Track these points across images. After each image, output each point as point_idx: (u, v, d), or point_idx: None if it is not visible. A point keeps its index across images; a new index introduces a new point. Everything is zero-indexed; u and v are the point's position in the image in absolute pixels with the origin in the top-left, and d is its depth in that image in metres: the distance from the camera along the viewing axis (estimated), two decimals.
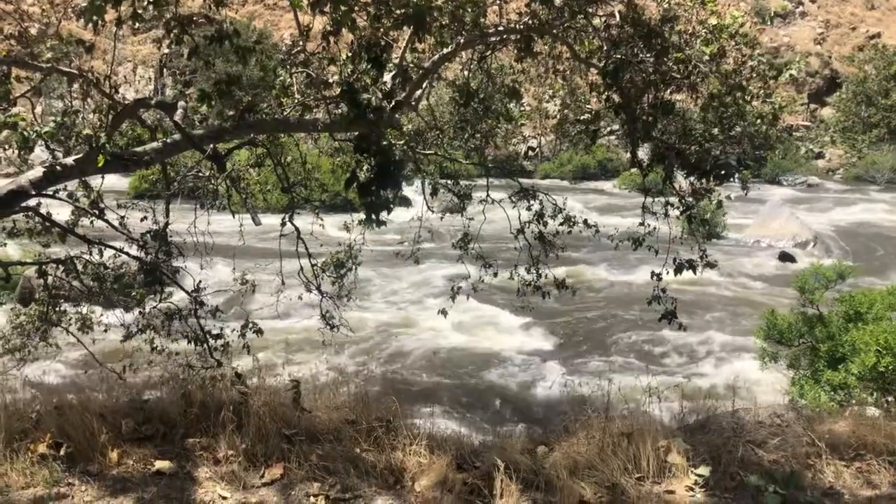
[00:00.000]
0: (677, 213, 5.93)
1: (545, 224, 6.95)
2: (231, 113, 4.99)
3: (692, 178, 5.56)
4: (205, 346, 6.29)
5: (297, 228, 6.37)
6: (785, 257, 21.26)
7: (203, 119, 6.15)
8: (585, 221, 7.00)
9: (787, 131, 43.97)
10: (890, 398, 6.81)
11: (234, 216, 6.87)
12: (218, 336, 6.35)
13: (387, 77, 4.93)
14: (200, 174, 6.83)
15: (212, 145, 5.32)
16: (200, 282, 6.39)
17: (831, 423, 4.63)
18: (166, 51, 5.02)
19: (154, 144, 5.03)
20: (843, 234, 25.28)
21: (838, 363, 7.44)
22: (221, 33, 4.41)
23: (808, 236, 23.31)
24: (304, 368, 10.57)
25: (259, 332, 6.50)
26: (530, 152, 49.44)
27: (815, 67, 57.68)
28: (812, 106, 57.20)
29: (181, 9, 4.45)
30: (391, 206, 4.69)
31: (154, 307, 6.50)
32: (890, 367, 6.83)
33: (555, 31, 5.37)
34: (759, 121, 5.54)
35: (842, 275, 8.28)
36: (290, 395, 4.81)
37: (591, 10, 5.17)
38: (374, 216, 4.69)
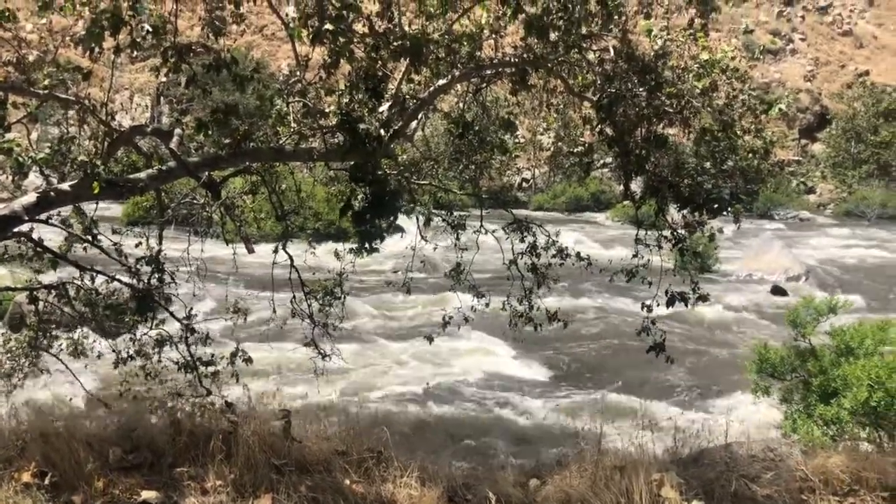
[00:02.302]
0: (670, 245, 5.96)
1: (538, 256, 6.96)
2: (227, 141, 5.01)
3: (685, 211, 5.60)
4: (195, 373, 6.24)
5: (290, 256, 6.37)
6: (777, 291, 21.33)
7: (199, 147, 6.18)
8: (578, 254, 7.02)
9: (778, 166, 44.48)
10: (882, 433, 6.79)
11: (227, 244, 6.86)
12: (208, 364, 6.31)
13: (384, 107, 4.97)
14: (195, 201, 6.84)
15: (207, 173, 5.33)
16: (192, 309, 6.36)
17: (824, 458, 4.61)
18: (164, 79, 5.06)
19: (149, 171, 5.04)
20: (834, 269, 25.43)
21: (830, 397, 7.42)
22: (219, 62, 4.46)
23: (799, 270, 23.41)
24: (294, 398, 10.48)
25: (249, 360, 6.47)
26: (524, 184, 49.70)
27: (806, 103, 58.44)
28: (803, 141, 57.84)
29: (179, 38, 4.50)
30: (385, 234, 4.71)
31: (145, 334, 6.46)
32: (882, 402, 6.82)
33: (549, 64, 5.43)
34: (750, 155, 5.60)
35: (833, 309, 8.30)
36: (280, 425, 4.76)
37: (585, 44, 5.25)
38: (367, 244, 4.71)
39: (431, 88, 5.62)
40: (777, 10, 72.24)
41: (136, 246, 6.25)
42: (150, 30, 4.17)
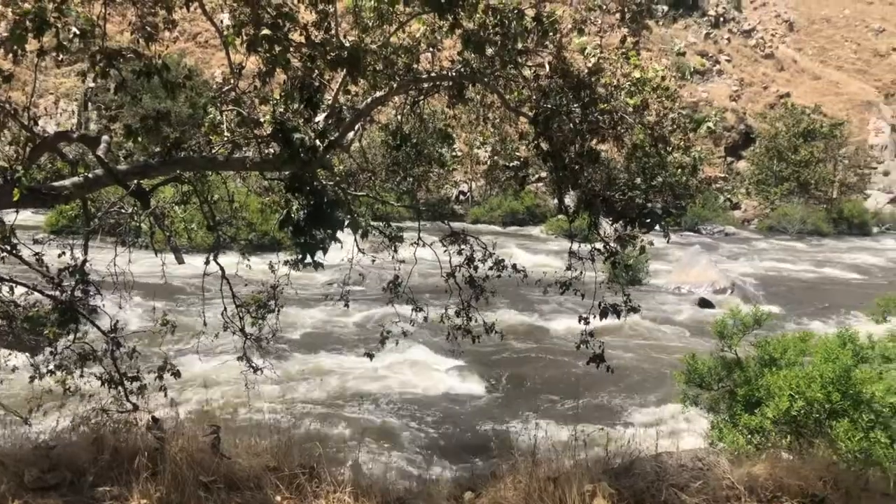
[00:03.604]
0: (603, 258, 6.08)
1: (475, 268, 7.00)
2: (158, 149, 4.88)
3: (617, 225, 5.73)
4: (120, 388, 6.03)
5: (221, 268, 6.23)
6: (704, 303, 21.98)
7: (128, 154, 5.99)
8: (514, 266, 7.08)
9: (705, 182, 45.97)
10: (802, 441, 7.04)
11: (156, 254, 6.67)
12: (134, 378, 6.10)
13: (320, 118, 4.93)
14: (123, 210, 6.63)
15: (136, 181, 5.17)
16: (118, 321, 6.15)
17: (749, 466, 4.75)
18: (91, 84, 4.91)
19: (74, 179, 4.86)
20: (758, 282, 26.36)
21: (755, 407, 7.66)
22: (150, 68, 4.34)
23: (725, 283, 24.19)
24: (224, 413, 10.23)
25: (177, 374, 6.29)
26: (461, 196, 50.02)
27: (731, 122, 60.74)
28: (729, 159, 60.06)
29: (109, 42, 4.37)
30: (326, 246, 4.64)
31: (67, 347, 6.21)
32: (801, 411, 7.08)
33: (486, 79, 5.49)
34: (679, 171, 5.77)
35: (758, 321, 8.58)
36: (209, 441, 4.64)
37: (521, 60, 5.32)
38: (309, 256, 4.64)
39: (369, 100, 5.61)
40: (704, 31, 74.97)
41: (59, 256, 6.01)
42: (78, 33, 4.04)
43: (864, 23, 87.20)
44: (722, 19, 78.42)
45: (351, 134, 6.05)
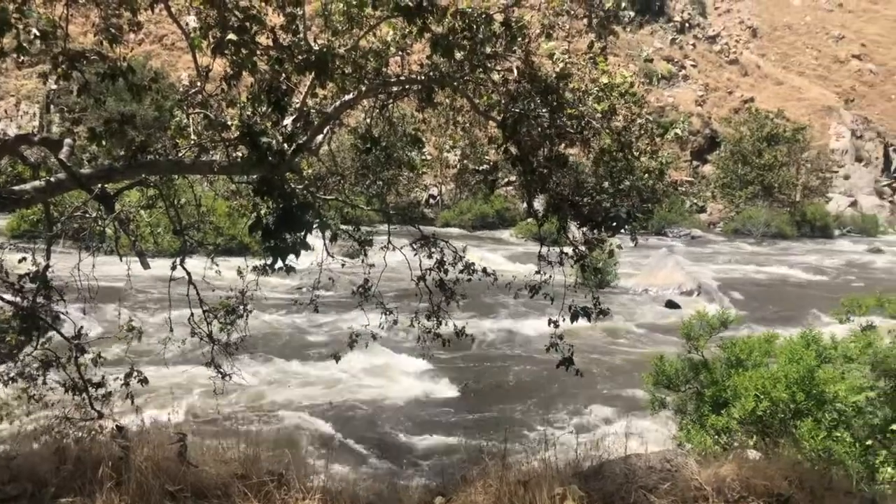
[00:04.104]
0: (571, 262, 6.11)
1: (445, 272, 6.99)
2: (122, 153, 4.80)
3: (585, 229, 5.77)
4: (84, 395, 5.91)
5: (188, 273, 6.14)
6: (671, 305, 22.25)
7: (92, 158, 5.89)
8: (484, 269, 7.09)
9: (672, 186, 46.59)
10: (768, 440, 7.15)
11: (121, 259, 6.55)
12: (99, 385, 5.99)
13: (288, 121, 4.89)
14: (87, 215, 6.50)
15: (100, 185, 5.08)
16: (82, 328, 6.03)
17: (717, 467, 4.81)
18: (54, 86, 4.82)
19: (36, 183, 4.76)
20: (724, 283, 26.75)
21: (722, 407, 7.76)
22: (114, 70, 4.28)
23: (692, 285, 24.53)
24: (192, 420, 10.10)
25: (144, 381, 6.18)
26: (431, 200, 50.03)
27: (697, 127, 61.61)
28: (695, 163, 60.91)
29: (71, 44, 4.29)
30: (298, 250, 4.60)
31: (29, 354, 6.06)
32: (767, 412, 7.19)
33: (455, 83, 5.50)
34: (646, 175, 5.83)
35: (724, 322, 8.69)
36: (176, 449, 4.57)
37: (490, 64, 5.34)
38: (280, 260, 4.59)
39: (337, 103, 5.58)
40: (670, 37, 76.01)
41: (20, 262, 5.88)
42: (39, 34, 3.96)
43: (825, 30, 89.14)
44: (687, 25, 79.60)
45: (320, 137, 6.02)
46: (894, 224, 57.86)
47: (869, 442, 6.59)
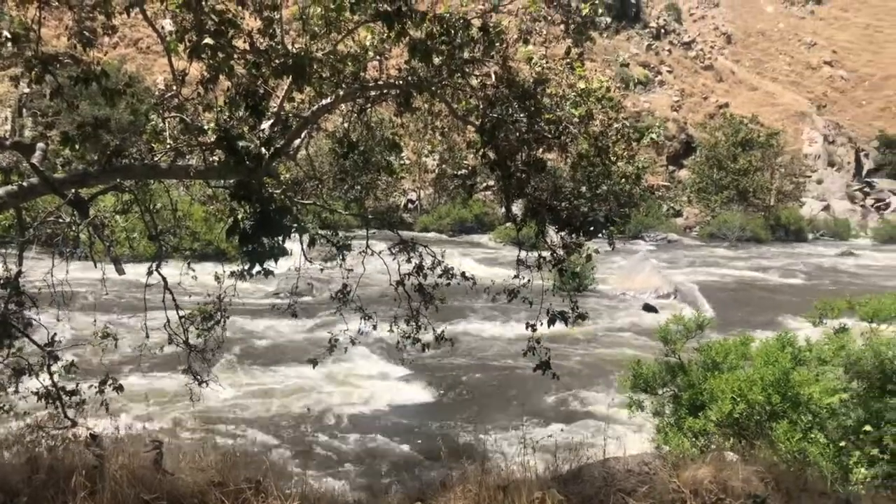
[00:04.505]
0: (550, 266, 6.13)
1: (424, 276, 6.98)
2: (97, 157, 4.74)
3: (563, 233, 5.79)
4: (58, 404, 5.82)
5: (164, 278, 6.08)
6: (648, 309, 22.40)
7: (66, 162, 5.81)
8: (463, 274, 7.09)
9: (648, 191, 46.98)
10: (744, 442, 7.22)
11: (96, 265, 6.47)
12: (73, 393, 5.90)
13: (265, 125, 4.86)
14: (60, 220, 6.41)
15: (74, 190, 5.02)
16: (55, 335, 5.94)
17: (694, 470, 4.85)
18: (26, 90, 4.75)
19: (8, 188, 4.69)
20: (700, 287, 26.98)
21: (699, 410, 7.82)
22: (88, 74, 4.22)
23: (669, 289, 24.72)
24: (168, 427, 9.99)
25: (119, 388, 6.09)
26: (410, 205, 50.03)
27: (673, 132, 62.25)
28: (671, 168, 61.55)
29: (44, 47, 4.24)
30: (276, 254, 4.57)
31: (1, 362, 5.96)
32: (744, 414, 7.26)
33: (433, 88, 5.50)
34: (623, 180, 5.87)
35: (701, 326, 8.77)
36: (151, 457, 4.52)
37: (468, 69, 5.35)
38: (258, 264, 4.56)
39: (315, 107, 5.56)
40: (646, 43, 76.75)
41: None
42: (11, 37, 3.90)
43: (798, 37, 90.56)
44: (663, 31, 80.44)
45: (297, 141, 5.99)
46: (866, 228, 58.78)
47: (843, 443, 6.67)
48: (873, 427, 6.40)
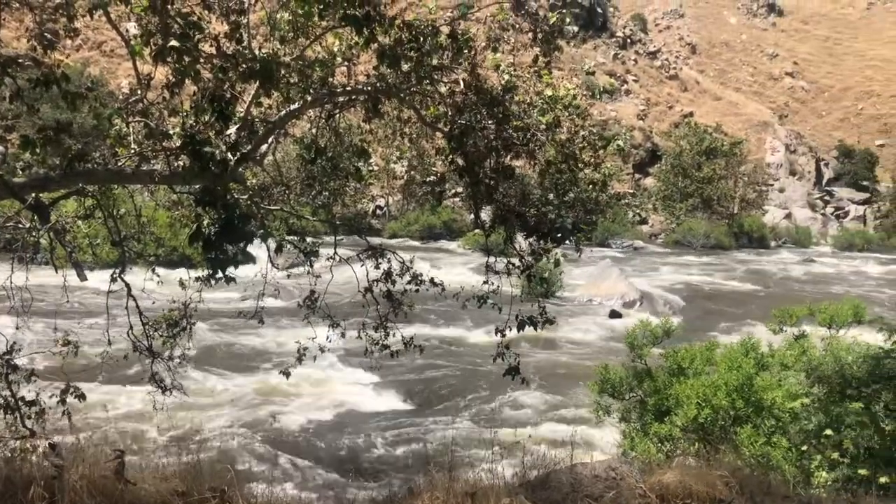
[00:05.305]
0: (518, 272, 6.16)
1: (393, 282, 6.96)
2: (59, 161, 4.65)
3: (531, 240, 5.82)
4: (16, 414, 5.67)
5: (127, 285, 5.98)
6: (614, 315, 22.61)
7: (26, 167, 5.69)
8: (432, 280, 7.08)
9: (615, 198, 47.56)
10: (709, 447, 7.32)
11: (57, 271, 6.34)
12: (32, 403, 5.76)
13: (231, 130, 4.81)
14: (20, 225, 6.27)
15: (34, 194, 4.91)
16: (14, 343, 5.81)
17: (661, 475, 4.89)
18: None
19: None
20: (665, 293, 27.32)
21: (664, 415, 7.90)
22: (49, 77, 4.14)
23: (635, 296, 24.98)
24: (130, 436, 9.81)
25: (82, 396, 5.97)
26: (378, 211, 49.91)
27: (639, 140, 63.02)
28: (636, 175, 62.27)
29: (4, 49, 4.15)
30: (238, 261, 4.52)
31: None
32: (709, 419, 7.36)
33: (402, 94, 5.50)
34: (590, 187, 5.92)
35: (667, 332, 8.87)
36: (113, 467, 4.42)
37: (436, 76, 5.36)
38: (220, 271, 4.50)
39: (283, 112, 5.52)
40: (613, 52, 77.68)
41: None
42: None
43: (760, 48, 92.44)
44: (629, 41, 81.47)
45: (264, 147, 5.94)
46: (826, 236, 60.09)
47: (804, 447, 6.79)
48: (834, 431, 6.53)
